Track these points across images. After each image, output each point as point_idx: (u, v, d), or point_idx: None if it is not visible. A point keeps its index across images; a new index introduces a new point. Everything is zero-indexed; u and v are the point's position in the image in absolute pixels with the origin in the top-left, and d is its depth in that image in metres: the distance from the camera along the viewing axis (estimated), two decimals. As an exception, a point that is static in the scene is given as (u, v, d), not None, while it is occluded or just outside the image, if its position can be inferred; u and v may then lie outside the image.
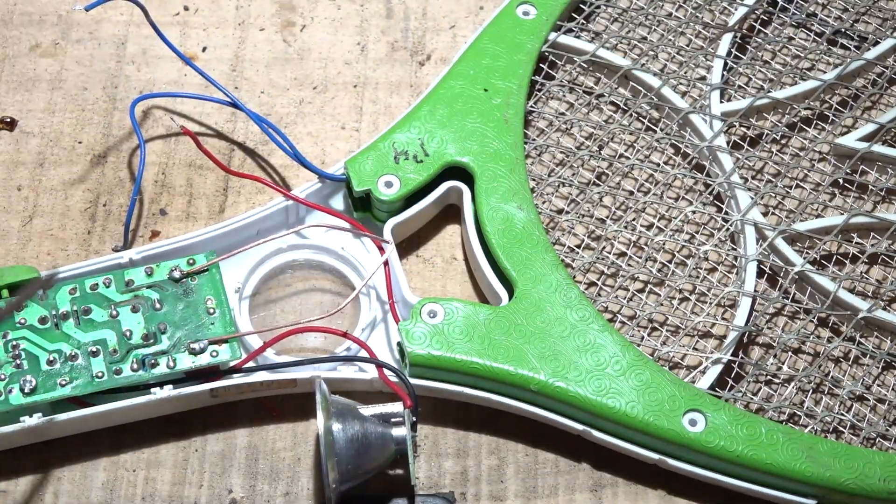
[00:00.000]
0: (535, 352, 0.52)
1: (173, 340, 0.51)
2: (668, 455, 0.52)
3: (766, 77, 0.61)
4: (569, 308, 0.53)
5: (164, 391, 0.51)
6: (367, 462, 0.49)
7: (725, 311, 0.56)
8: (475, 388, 0.52)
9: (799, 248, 0.57)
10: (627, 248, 0.57)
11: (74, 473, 0.53)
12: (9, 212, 0.58)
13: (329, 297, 0.56)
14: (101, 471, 0.53)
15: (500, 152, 0.56)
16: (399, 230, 0.56)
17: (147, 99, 0.60)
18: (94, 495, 0.52)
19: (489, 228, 0.54)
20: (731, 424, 0.51)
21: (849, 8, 0.63)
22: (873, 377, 0.56)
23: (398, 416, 0.50)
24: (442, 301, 0.53)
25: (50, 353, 0.51)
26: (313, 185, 0.56)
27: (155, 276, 0.53)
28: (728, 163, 0.58)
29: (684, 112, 0.59)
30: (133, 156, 0.60)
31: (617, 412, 0.51)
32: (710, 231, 0.58)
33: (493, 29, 0.59)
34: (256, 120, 0.57)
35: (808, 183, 0.59)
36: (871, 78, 0.62)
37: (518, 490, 0.53)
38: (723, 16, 0.63)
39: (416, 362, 0.52)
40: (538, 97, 0.60)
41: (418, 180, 0.55)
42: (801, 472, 0.50)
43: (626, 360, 0.52)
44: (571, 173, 0.58)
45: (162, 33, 0.57)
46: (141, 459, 0.53)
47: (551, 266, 0.54)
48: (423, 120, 0.57)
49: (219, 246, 0.54)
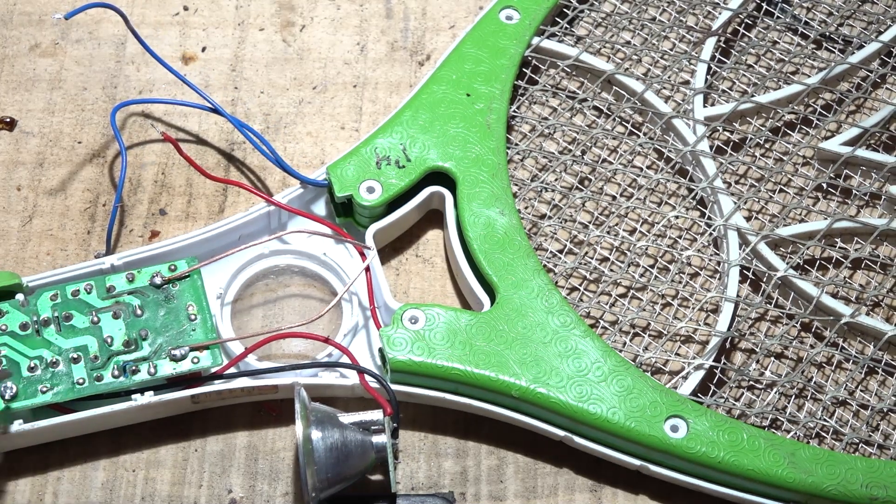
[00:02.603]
0: (517, 358, 0.52)
1: (154, 347, 0.51)
2: (650, 461, 0.52)
3: (749, 81, 0.61)
4: (550, 314, 0.53)
5: (144, 397, 0.51)
6: (347, 470, 0.49)
7: (708, 316, 0.56)
8: (456, 394, 0.52)
9: (782, 253, 0.57)
10: (610, 253, 0.57)
11: (74, 473, 0.53)
12: (9, 212, 0.58)
13: (311, 303, 0.56)
14: (100, 471, 0.53)
15: (483, 157, 0.56)
16: (381, 236, 0.56)
17: (127, 105, 0.60)
18: (93, 495, 0.52)
19: (471, 234, 0.54)
20: (712, 430, 0.51)
21: (833, 12, 0.63)
22: (856, 382, 0.56)
23: (378, 423, 0.50)
24: (423, 307, 0.52)
25: (31, 359, 0.51)
26: (295, 191, 0.56)
27: (136, 282, 0.52)
28: (711, 167, 0.58)
29: (667, 116, 0.59)
30: (133, 156, 0.60)
31: (598, 418, 0.51)
32: (693, 236, 0.58)
33: (475, 33, 0.59)
34: (238, 125, 0.57)
35: (791, 187, 0.59)
36: (856, 82, 0.62)
37: (518, 490, 0.53)
38: (706, 20, 0.63)
39: (397, 368, 0.52)
40: (521, 102, 0.60)
41: (400, 186, 0.55)
42: (783, 478, 0.50)
43: (607, 366, 0.52)
44: (554, 178, 0.58)
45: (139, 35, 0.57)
46: (141, 460, 0.53)
47: (533, 271, 0.54)
48: (406, 125, 0.56)
49: (200, 252, 0.54)
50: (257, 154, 0.59)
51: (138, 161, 0.60)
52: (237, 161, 0.60)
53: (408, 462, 0.53)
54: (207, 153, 0.60)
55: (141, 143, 0.60)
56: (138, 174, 0.59)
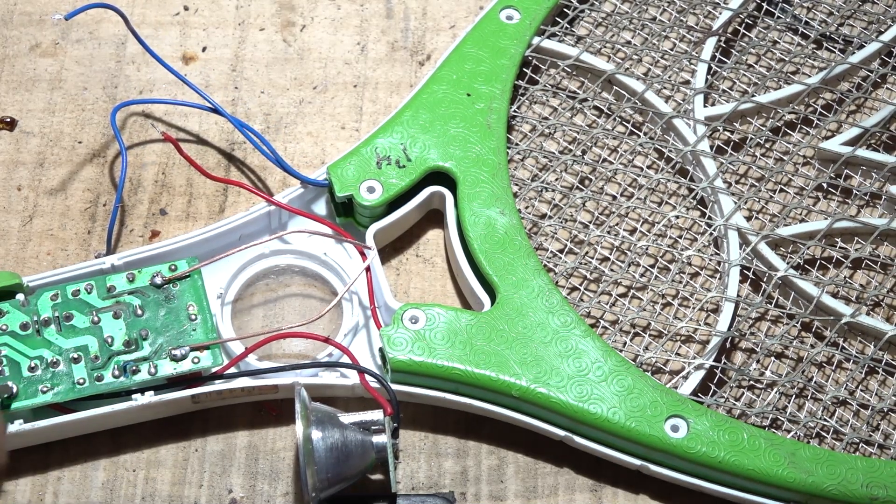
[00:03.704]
0: (517, 357, 0.52)
1: (155, 347, 0.51)
2: (651, 461, 0.52)
3: (750, 81, 0.61)
4: (551, 313, 0.53)
5: (145, 397, 0.51)
6: (347, 470, 0.49)
7: (708, 316, 0.56)
8: (457, 394, 0.52)
9: (782, 253, 0.57)
10: (610, 253, 0.57)
11: (74, 473, 0.53)
12: (9, 212, 0.58)
13: (311, 303, 0.56)
14: (100, 471, 0.53)
15: (483, 157, 0.56)
16: (381, 235, 0.56)
17: (127, 106, 0.60)
18: (94, 495, 0.52)
19: (471, 234, 0.54)
20: (712, 430, 0.51)
21: (833, 11, 0.63)
22: (856, 382, 0.56)
23: (379, 423, 0.50)
24: (424, 307, 0.52)
25: (31, 359, 0.51)
26: (296, 191, 0.56)
27: (137, 282, 0.52)
28: (712, 167, 0.58)
29: (668, 116, 0.59)
30: (134, 156, 0.60)
31: (598, 418, 0.51)
32: (694, 236, 0.58)
33: (476, 33, 0.59)
34: (238, 125, 0.57)
35: (791, 187, 0.59)
36: (856, 82, 0.62)
37: (518, 490, 0.53)
38: (707, 20, 0.63)
39: (397, 368, 0.52)
40: (521, 102, 0.60)
41: (400, 185, 0.55)
42: (784, 478, 0.50)
43: (607, 366, 0.52)
44: (554, 178, 0.58)
45: (139, 35, 0.57)
46: (141, 459, 0.53)
47: (533, 271, 0.54)
48: (406, 125, 0.56)
49: (201, 251, 0.54)
50: (258, 154, 0.59)
51: (139, 161, 0.60)
52: (237, 161, 0.60)
53: (408, 462, 0.53)
54: (208, 153, 0.60)
55: (141, 142, 0.60)
56: (139, 174, 0.59)
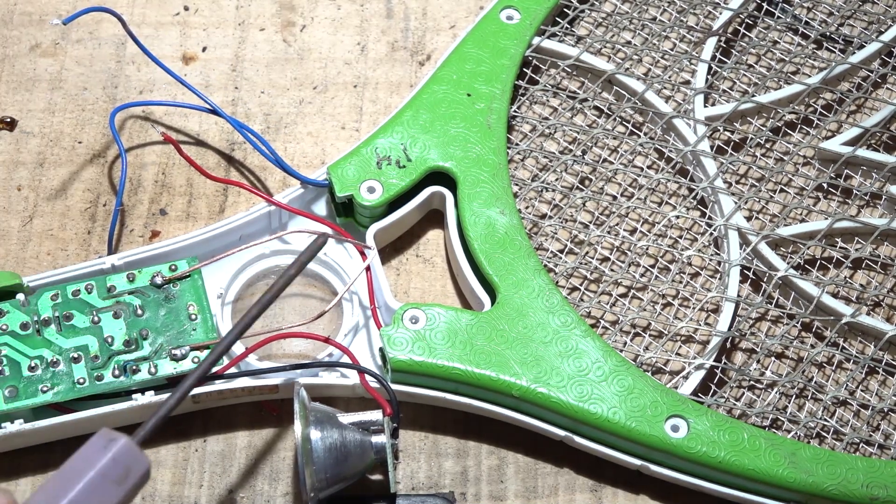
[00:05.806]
0: (517, 357, 0.52)
1: (155, 346, 0.51)
2: (651, 461, 0.52)
3: (750, 81, 0.61)
4: (551, 313, 0.53)
5: (145, 397, 0.51)
6: (346, 470, 0.49)
7: (708, 316, 0.56)
8: (457, 394, 0.52)
9: (783, 253, 0.57)
10: (610, 253, 0.57)
11: (74, 473, 0.53)
12: (9, 212, 0.58)
13: (311, 303, 0.56)
14: (101, 471, 0.53)
15: (483, 157, 0.56)
16: (381, 235, 0.56)
17: (126, 108, 0.60)
18: (93, 495, 0.52)
19: (471, 234, 0.54)
20: (713, 430, 0.51)
21: (833, 11, 0.63)
22: (857, 382, 0.56)
23: (378, 423, 0.50)
24: (424, 307, 0.52)
25: (31, 359, 0.51)
26: (296, 191, 0.56)
27: (137, 282, 0.53)
28: (712, 167, 0.58)
29: (668, 116, 0.59)
30: (134, 156, 0.60)
31: (599, 418, 0.51)
32: (694, 236, 0.58)
33: (476, 33, 0.59)
34: (237, 126, 0.57)
35: (791, 187, 0.59)
36: (856, 82, 0.62)
37: (518, 490, 0.53)
38: (707, 20, 0.63)
39: (397, 368, 0.51)
40: (521, 102, 0.60)
41: (401, 186, 0.55)
42: (784, 478, 0.50)
43: (608, 366, 0.52)
44: (555, 178, 0.58)
45: (136, 38, 0.57)
46: (141, 459, 0.53)
47: (534, 271, 0.54)
48: (406, 125, 0.56)
49: (201, 251, 0.54)
50: (258, 154, 0.59)
51: (139, 161, 0.60)
52: (237, 161, 0.60)
53: (408, 462, 0.53)
54: (208, 153, 0.60)
55: (141, 143, 0.60)
56: (139, 174, 0.59)
